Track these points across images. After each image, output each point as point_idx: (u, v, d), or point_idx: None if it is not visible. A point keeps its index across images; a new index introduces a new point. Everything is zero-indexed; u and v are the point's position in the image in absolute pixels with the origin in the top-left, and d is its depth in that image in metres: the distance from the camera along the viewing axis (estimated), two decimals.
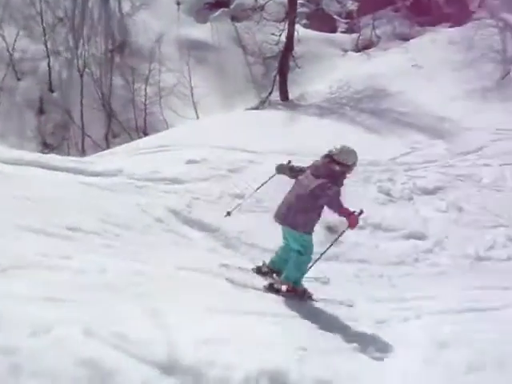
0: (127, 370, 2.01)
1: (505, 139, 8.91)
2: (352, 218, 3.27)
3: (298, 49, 15.10)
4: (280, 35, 14.04)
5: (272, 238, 4.81)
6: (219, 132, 8.11)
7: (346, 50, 17.42)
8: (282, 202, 3.51)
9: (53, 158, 5.04)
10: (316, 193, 3.26)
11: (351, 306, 3.62)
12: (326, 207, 3.33)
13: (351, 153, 3.47)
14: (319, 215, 3.39)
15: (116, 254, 3.37)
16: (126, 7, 18.71)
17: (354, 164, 3.46)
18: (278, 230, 4.88)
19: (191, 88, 15.25)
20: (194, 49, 17.89)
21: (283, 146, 7.31)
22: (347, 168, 3.44)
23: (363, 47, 17.21)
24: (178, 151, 6.75)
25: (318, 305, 3.51)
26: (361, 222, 5.50)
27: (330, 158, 3.41)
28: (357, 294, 4.03)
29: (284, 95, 14.01)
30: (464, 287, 4.51)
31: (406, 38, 15.99)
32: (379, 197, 6.28)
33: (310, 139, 7.87)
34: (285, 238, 3.56)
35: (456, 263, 5.16)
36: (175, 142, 7.37)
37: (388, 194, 6.41)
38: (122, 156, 6.85)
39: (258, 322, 2.78)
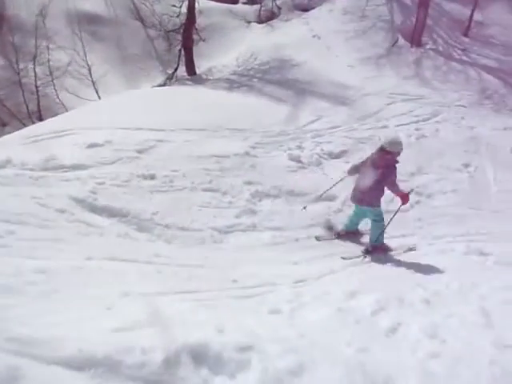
0: (31, 374, 1.84)
1: (397, 102, 9.74)
2: (405, 196, 4.40)
3: (200, 21, 14.65)
4: (180, 7, 13.46)
5: (187, 216, 4.75)
6: (123, 112, 7.60)
7: (249, 22, 17.33)
8: (354, 188, 4.71)
9: None
10: (380, 179, 4.40)
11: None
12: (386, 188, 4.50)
13: (398, 143, 4.47)
14: (383, 192, 4.59)
15: (10, 253, 3.03)
16: None
17: (402, 149, 4.48)
18: (191, 208, 4.84)
19: (88, 66, 13.98)
20: (87, 23, 16.35)
21: (192, 123, 7.14)
22: (397, 154, 4.45)
23: (266, 18, 17.27)
24: (77, 135, 6.17)
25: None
26: (276, 192, 5.79)
27: (383, 150, 4.46)
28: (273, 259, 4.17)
29: (191, 70, 13.60)
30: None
31: (305, 9, 16.38)
32: (290, 164, 6.49)
33: (219, 113, 7.78)
34: (358, 212, 4.88)
35: None
36: (73, 125, 6.72)
37: (298, 161, 6.64)
38: (8, 145, 6.08)
39: (174, 301, 2.73)
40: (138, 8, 16.87)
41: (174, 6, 13.66)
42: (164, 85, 13.40)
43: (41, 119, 12.37)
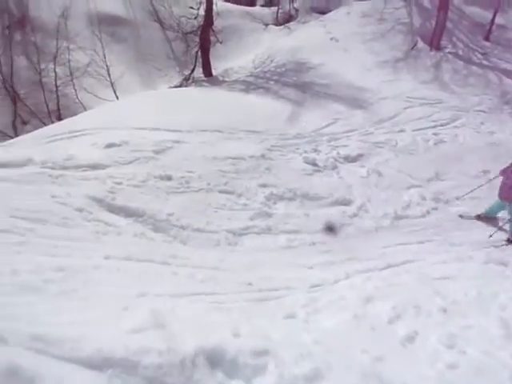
0: (52, 373, 1.87)
1: (415, 106, 9.62)
2: None
3: (218, 23, 14.73)
4: (198, 9, 13.55)
5: (203, 217, 4.77)
6: (140, 112, 7.68)
7: (266, 24, 17.35)
8: (501, 188, 5.41)
9: None
10: None
11: None
12: None
13: None
14: None
15: (30, 251, 3.08)
16: None
17: None
18: (207, 210, 4.86)
19: (107, 67, 14.18)
20: (107, 24, 16.59)
21: (208, 124, 7.17)
22: None
23: (283, 21, 17.28)
24: (95, 135, 6.27)
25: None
26: (291, 194, 5.78)
27: None
28: (288, 262, 4.16)
29: (207, 71, 13.68)
30: (385, 245, 4.87)
31: (322, 12, 16.33)
32: (306, 167, 6.46)
33: (235, 115, 7.81)
34: (500, 204, 5.47)
35: (378, 224, 5.52)
36: (92, 125, 6.83)
37: (314, 164, 6.61)
38: (30, 144, 6.21)
39: (189, 303, 2.74)
40: (156, 10, 17.05)
41: (192, 8, 13.77)
42: (180, 86, 13.50)
43: (60, 118, 12.59)
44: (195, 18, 13.72)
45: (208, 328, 2.40)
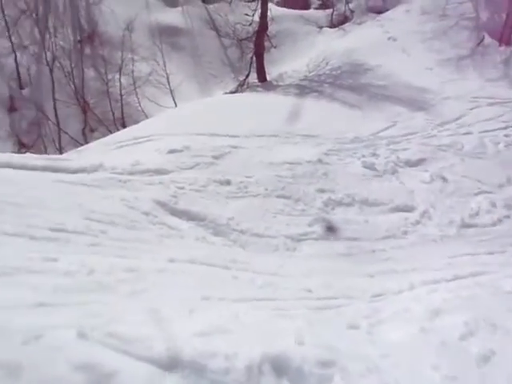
0: (127, 370, 1.97)
1: (482, 106, 9.02)
2: None
3: (272, 28, 14.84)
4: (253, 15, 13.75)
5: (261, 222, 4.82)
6: (199, 119, 7.95)
7: (321, 27, 17.19)
8: None
9: (26, 158, 4.83)
10: None
11: None
12: None
13: None
14: None
15: (103, 252, 3.29)
16: None
17: None
18: (265, 215, 4.90)
19: (167, 76, 14.86)
20: (167, 35, 17.38)
21: (265, 128, 7.24)
22: None
23: (338, 23, 17.02)
24: (158, 141, 6.58)
25: None
26: (350, 200, 5.66)
27: None
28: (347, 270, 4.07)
29: (262, 76, 13.82)
30: (451, 255, 4.60)
31: (379, 11, 15.86)
32: (364, 172, 6.30)
33: (290, 119, 7.80)
34: None
35: (443, 232, 5.24)
36: (154, 132, 7.18)
37: (373, 169, 6.42)
38: (99, 150, 6.66)
39: (251, 309, 2.77)
40: (213, 19, 17.58)
41: (247, 14, 13.99)
42: (235, 91, 13.77)
43: (124, 126, 13.38)
44: (250, 24, 13.93)
45: (272, 335, 2.41)
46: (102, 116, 14.26)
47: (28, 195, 3.91)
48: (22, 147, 13.54)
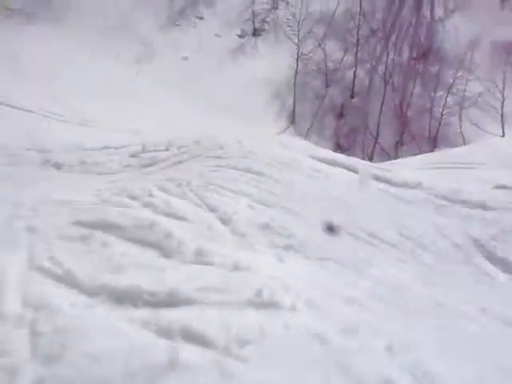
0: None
1: None
2: None
3: None
4: None
5: None
6: None
7: None
8: None
9: (356, 162, 5.38)
10: None
11: None
12: None
13: None
14: None
15: (410, 272, 3.24)
16: (439, 12, 18.06)
17: None
18: None
19: (503, 99, 13.11)
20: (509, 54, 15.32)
21: None
22: None
23: None
24: (481, 171, 5.93)
25: None
26: None
27: None
28: None
29: None
30: None
31: None
32: None
33: None
34: None
35: None
36: (477, 160, 6.53)
37: None
38: (413, 167, 6.65)
39: None
40: None
41: None
42: None
43: (435, 146, 12.92)
44: None
45: None
46: (416, 132, 14.24)
47: (352, 195, 4.36)
48: (337, 148, 15.44)
